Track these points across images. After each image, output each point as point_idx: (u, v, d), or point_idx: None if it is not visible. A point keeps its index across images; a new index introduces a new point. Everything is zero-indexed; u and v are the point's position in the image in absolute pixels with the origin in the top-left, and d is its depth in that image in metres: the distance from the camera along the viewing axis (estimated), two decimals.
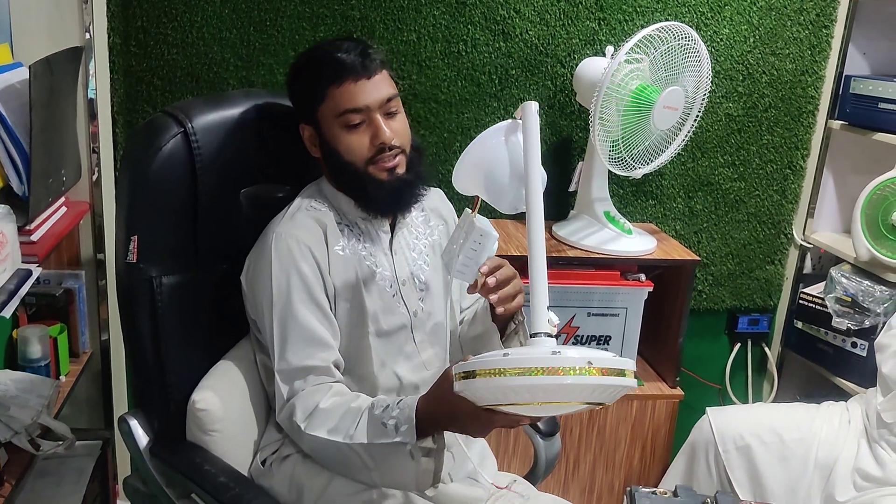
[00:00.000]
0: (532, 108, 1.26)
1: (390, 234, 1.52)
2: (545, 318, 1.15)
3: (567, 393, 1.05)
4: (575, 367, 1.02)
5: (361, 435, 1.31)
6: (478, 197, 1.38)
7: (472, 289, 1.36)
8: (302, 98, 1.48)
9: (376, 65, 1.42)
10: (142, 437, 1.47)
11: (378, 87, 1.42)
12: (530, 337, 1.16)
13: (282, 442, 1.48)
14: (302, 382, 1.39)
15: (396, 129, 1.44)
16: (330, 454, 1.37)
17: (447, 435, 1.33)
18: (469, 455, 1.48)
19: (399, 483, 1.35)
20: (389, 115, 1.44)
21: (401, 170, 1.45)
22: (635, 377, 1.06)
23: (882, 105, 2.28)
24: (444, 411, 1.25)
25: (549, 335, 1.15)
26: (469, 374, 1.08)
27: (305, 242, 1.42)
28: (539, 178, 1.24)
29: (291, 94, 1.51)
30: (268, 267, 1.40)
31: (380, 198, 1.45)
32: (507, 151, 1.33)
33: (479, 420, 1.22)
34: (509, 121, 1.35)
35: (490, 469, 1.59)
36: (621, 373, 1.04)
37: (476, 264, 1.34)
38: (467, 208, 1.36)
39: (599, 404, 1.10)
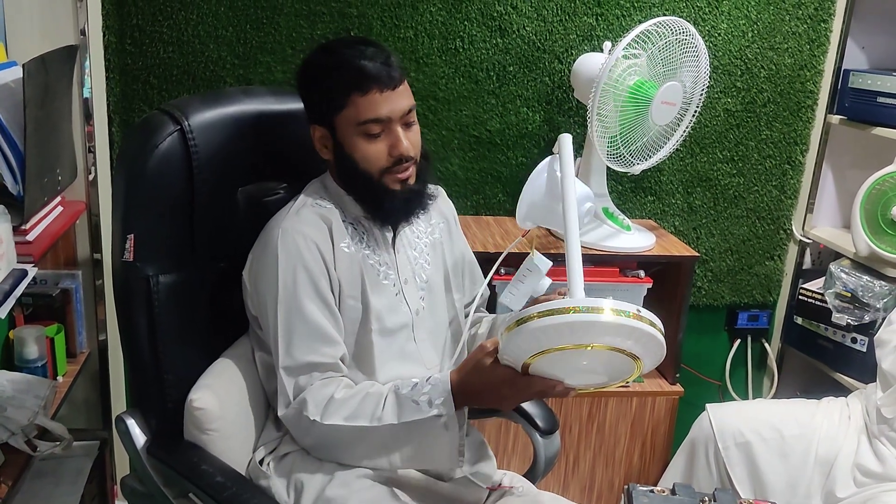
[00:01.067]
0: (566, 139, 1.46)
1: (393, 233, 1.52)
2: (582, 292, 1.27)
3: (616, 332, 1.14)
4: (628, 311, 1.13)
5: (390, 416, 1.31)
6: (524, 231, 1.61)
7: None
8: (318, 100, 1.44)
9: (399, 73, 1.40)
10: (139, 437, 1.47)
11: (401, 98, 1.40)
12: None
13: (280, 440, 1.47)
14: (307, 378, 1.38)
15: (413, 140, 1.43)
16: (345, 442, 1.36)
17: None
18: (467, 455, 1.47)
19: (430, 458, 1.35)
20: (407, 125, 1.43)
21: (412, 180, 1.45)
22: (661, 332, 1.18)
23: (881, 99, 2.27)
24: (480, 381, 1.29)
25: None
26: (523, 321, 1.16)
27: (312, 238, 1.41)
28: (574, 192, 1.40)
29: (305, 94, 1.48)
30: (273, 262, 1.39)
31: (393, 208, 1.45)
32: (553, 183, 1.51)
33: (516, 386, 1.26)
34: (549, 157, 1.54)
35: (490, 468, 1.59)
36: (653, 324, 1.15)
37: (522, 294, 1.52)
38: (534, 249, 1.57)
39: (635, 357, 1.19)
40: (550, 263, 1.53)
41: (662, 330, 1.18)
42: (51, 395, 1.79)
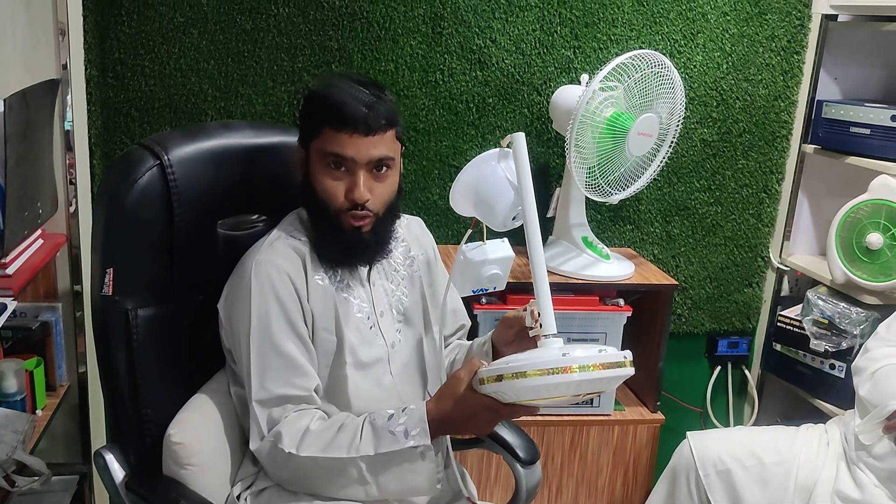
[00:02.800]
0: (521, 138, 1.40)
1: (368, 266, 1.52)
2: (553, 321, 1.32)
3: (608, 383, 1.25)
4: (619, 361, 1.22)
5: (367, 447, 1.32)
6: (473, 220, 1.53)
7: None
8: (304, 123, 1.48)
9: (380, 125, 1.40)
10: (118, 472, 1.46)
11: (373, 147, 1.40)
12: (543, 337, 1.31)
13: (256, 475, 1.46)
14: (281, 410, 1.38)
15: (377, 192, 1.43)
16: (322, 474, 1.36)
17: None
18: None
19: (408, 488, 1.36)
20: (379, 174, 1.43)
21: (365, 228, 1.44)
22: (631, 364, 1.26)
23: (853, 129, 2.32)
24: (458, 411, 1.31)
25: (557, 335, 1.31)
26: (500, 378, 1.22)
27: (285, 270, 1.42)
28: (533, 197, 1.38)
29: (299, 113, 1.50)
30: (247, 294, 1.40)
31: (334, 248, 1.45)
32: (497, 177, 1.46)
33: (499, 413, 1.30)
34: (497, 149, 1.49)
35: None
36: (621, 364, 1.23)
37: (462, 282, 1.51)
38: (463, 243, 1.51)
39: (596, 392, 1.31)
40: (485, 253, 1.50)
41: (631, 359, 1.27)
42: (30, 430, 1.77)
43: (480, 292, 1.51)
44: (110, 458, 1.46)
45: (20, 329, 1.98)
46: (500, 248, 1.49)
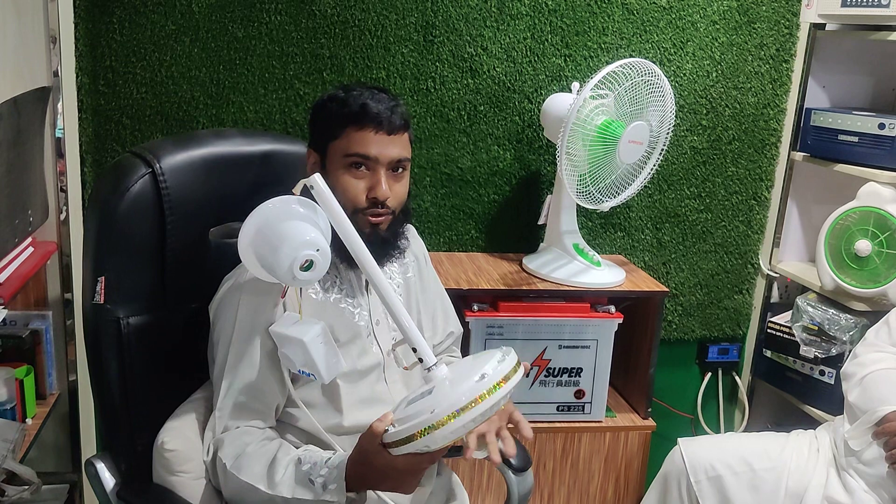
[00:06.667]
0: (318, 179, 1.28)
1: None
2: (430, 350, 1.27)
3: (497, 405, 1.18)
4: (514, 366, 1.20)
5: (285, 488, 1.30)
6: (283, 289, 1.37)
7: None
8: (320, 126, 1.49)
9: (400, 125, 1.44)
10: (109, 480, 1.46)
11: (393, 145, 1.43)
12: (426, 370, 1.26)
13: None
14: (238, 421, 1.39)
15: (396, 191, 1.45)
16: (251, 501, 1.35)
17: None
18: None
19: None
20: (395, 175, 1.45)
21: (383, 227, 1.46)
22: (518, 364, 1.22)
23: (841, 137, 2.33)
24: (375, 471, 1.25)
25: (435, 365, 1.26)
26: (406, 440, 1.17)
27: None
28: (355, 231, 1.28)
29: (311, 119, 1.52)
30: (236, 301, 1.41)
31: None
32: (288, 215, 1.32)
33: (419, 467, 1.25)
34: (284, 197, 1.32)
35: None
36: (515, 370, 1.20)
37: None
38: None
39: None
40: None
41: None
42: (20, 439, 1.77)
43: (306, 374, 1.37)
44: (101, 467, 1.46)
45: (10, 337, 1.98)
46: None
